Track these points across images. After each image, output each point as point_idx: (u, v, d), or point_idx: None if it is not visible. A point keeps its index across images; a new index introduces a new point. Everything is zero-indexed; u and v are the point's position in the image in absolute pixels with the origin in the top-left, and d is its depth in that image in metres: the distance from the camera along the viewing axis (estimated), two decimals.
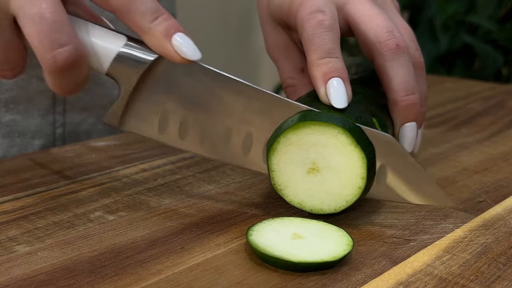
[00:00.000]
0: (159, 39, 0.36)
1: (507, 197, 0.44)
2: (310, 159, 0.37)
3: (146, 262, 0.33)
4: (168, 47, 0.36)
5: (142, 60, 0.38)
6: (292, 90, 0.47)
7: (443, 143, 0.57)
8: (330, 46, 0.40)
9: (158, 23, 0.36)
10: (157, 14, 0.36)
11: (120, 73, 0.38)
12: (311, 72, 0.40)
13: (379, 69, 0.42)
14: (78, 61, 0.35)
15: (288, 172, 0.38)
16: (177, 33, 0.36)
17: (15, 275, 0.31)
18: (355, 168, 0.37)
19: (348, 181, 0.37)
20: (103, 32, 0.38)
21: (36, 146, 0.57)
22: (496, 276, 0.33)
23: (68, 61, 0.34)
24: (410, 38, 0.45)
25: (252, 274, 0.32)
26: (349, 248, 0.34)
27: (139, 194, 0.42)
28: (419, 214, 0.41)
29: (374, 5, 0.43)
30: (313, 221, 0.37)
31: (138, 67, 0.38)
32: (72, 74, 0.35)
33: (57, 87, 0.36)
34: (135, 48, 0.38)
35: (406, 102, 0.41)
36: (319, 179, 0.38)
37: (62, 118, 0.57)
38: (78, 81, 0.36)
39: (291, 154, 0.38)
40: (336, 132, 0.36)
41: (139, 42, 0.38)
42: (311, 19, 0.41)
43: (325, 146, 0.37)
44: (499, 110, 0.71)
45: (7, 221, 0.37)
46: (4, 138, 0.55)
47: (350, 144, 0.36)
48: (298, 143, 0.37)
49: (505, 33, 1.58)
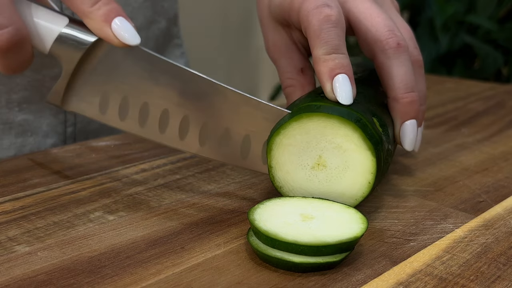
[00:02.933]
0: (98, 23, 0.37)
1: (507, 197, 0.44)
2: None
3: (146, 262, 0.33)
4: (108, 31, 0.37)
5: (82, 41, 0.39)
6: (291, 91, 0.46)
7: (443, 143, 0.57)
8: (336, 42, 0.40)
9: (97, 7, 0.37)
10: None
11: (62, 53, 0.39)
12: (317, 68, 0.40)
13: (380, 67, 0.42)
14: (20, 42, 0.36)
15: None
16: (117, 17, 0.37)
17: (15, 275, 0.31)
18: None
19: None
20: (46, 13, 0.39)
21: (48, 145, 0.58)
22: (496, 276, 0.33)
23: (9, 42, 0.36)
24: (409, 37, 0.45)
25: (252, 274, 0.32)
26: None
27: (139, 194, 0.42)
28: (419, 214, 0.41)
29: (374, 4, 0.43)
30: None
31: (79, 48, 0.39)
32: (15, 54, 0.37)
33: (2, 67, 0.37)
34: (76, 29, 0.39)
35: (406, 99, 0.41)
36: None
37: (73, 117, 0.58)
38: (22, 60, 0.38)
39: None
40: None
41: (81, 24, 0.39)
42: (317, 13, 0.40)
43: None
44: (499, 110, 0.71)
45: (7, 221, 0.37)
46: (17, 138, 0.55)
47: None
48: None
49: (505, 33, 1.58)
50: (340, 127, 0.36)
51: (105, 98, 0.40)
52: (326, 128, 0.37)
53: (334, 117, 0.36)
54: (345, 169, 0.37)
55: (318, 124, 0.37)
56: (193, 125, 0.40)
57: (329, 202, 0.37)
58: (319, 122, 0.37)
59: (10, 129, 0.55)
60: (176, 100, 0.40)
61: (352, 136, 0.36)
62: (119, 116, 0.41)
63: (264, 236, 0.33)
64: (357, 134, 0.36)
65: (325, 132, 0.37)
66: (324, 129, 0.37)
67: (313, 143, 0.37)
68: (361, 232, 0.33)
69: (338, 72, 0.39)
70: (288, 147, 0.37)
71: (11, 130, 0.55)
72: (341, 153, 0.37)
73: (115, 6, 0.37)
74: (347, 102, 0.38)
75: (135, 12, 0.60)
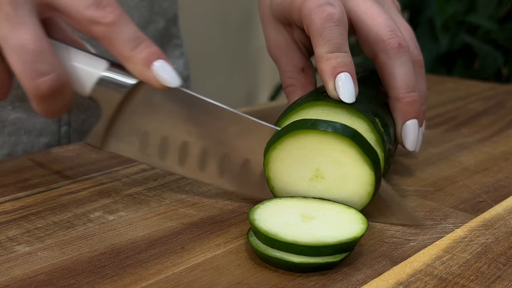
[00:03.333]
0: (139, 67, 0.37)
1: (507, 197, 0.44)
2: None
3: (146, 262, 0.33)
4: (149, 75, 0.37)
5: (123, 84, 0.39)
6: (292, 90, 0.47)
7: (443, 143, 0.57)
8: (339, 41, 0.40)
9: (139, 51, 0.37)
10: (138, 42, 0.37)
11: (102, 96, 0.39)
12: (320, 66, 0.40)
13: (381, 66, 0.42)
14: (60, 88, 0.36)
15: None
16: (157, 60, 0.37)
17: (15, 275, 0.31)
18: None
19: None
20: (85, 57, 0.39)
21: (42, 144, 0.57)
22: (496, 276, 0.33)
23: (50, 88, 0.36)
24: (410, 37, 0.45)
25: (252, 274, 0.32)
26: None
27: (139, 194, 0.42)
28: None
29: (376, 3, 0.43)
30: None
31: (120, 91, 0.39)
32: (56, 99, 0.37)
33: (42, 111, 0.38)
34: (116, 72, 0.39)
35: (407, 99, 0.41)
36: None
37: (67, 116, 0.58)
38: (62, 104, 0.37)
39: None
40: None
41: (120, 67, 0.39)
42: (320, 12, 0.40)
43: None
44: (499, 110, 0.71)
45: (7, 221, 0.37)
46: (10, 136, 0.55)
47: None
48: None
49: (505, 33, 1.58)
50: (336, 143, 0.36)
51: (145, 138, 0.40)
52: (322, 143, 0.36)
53: (330, 134, 0.36)
54: (344, 181, 0.37)
55: (314, 140, 0.36)
56: (233, 163, 0.40)
57: (329, 202, 0.37)
58: (314, 138, 0.36)
59: (3, 127, 0.55)
60: (215, 139, 0.40)
61: (349, 151, 0.36)
62: (159, 156, 0.41)
63: (264, 236, 0.33)
64: (354, 150, 0.36)
65: (322, 147, 0.36)
66: (320, 145, 0.36)
67: (310, 156, 0.37)
68: (361, 232, 0.33)
69: (340, 71, 0.39)
70: (285, 161, 0.37)
71: (4, 129, 0.55)
72: (339, 166, 0.37)
73: (156, 49, 0.37)
74: (349, 101, 0.38)
75: (131, 11, 0.60)
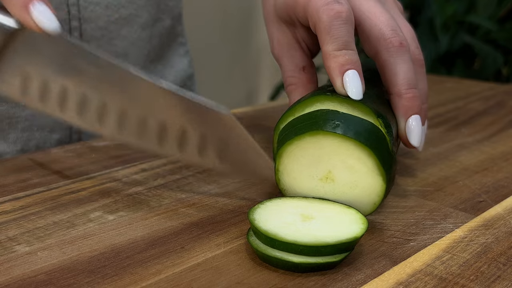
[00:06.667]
0: (18, 9, 0.37)
1: (507, 197, 0.44)
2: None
3: (146, 262, 0.33)
4: (26, 17, 0.37)
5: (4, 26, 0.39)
6: (293, 89, 0.47)
7: (443, 143, 0.57)
8: (347, 39, 0.40)
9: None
10: None
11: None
12: (327, 63, 0.40)
13: (382, 64, 0.42)
14: None
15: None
16: (36, 3, 0.37)
17: (15, 275, 0.31)
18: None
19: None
20: None
21: (54, 140, 0.58)
22: (496, 276, 0.33)
23: None
24: (411, 37, 0.46)
25: (252, 274, 0.32)
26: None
27: (139, 194, 0.42)
28: (419, 214, 0.41)
29: (378, 3, 0.44)
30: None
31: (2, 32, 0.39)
32: None
33: None
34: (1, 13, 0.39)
35: (409, 94, 0.42)
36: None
37: None
38: None
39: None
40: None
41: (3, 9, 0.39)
42: (328, 9, 0.41)
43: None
44: (499, 110, 0.71)
45: (7, 221, 0.37)
46: (23, 132, 0.56)
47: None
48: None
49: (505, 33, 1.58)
50: (355, 150, 0.36)
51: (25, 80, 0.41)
52: (340, 148, 0.36)
53: (351, 140, 0.36)
54: (353, 187, 0.37)
55: (332, 143, 0.36)
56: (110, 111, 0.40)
57: (329, 202, 0.37)
58: (334, 141, 0.36)
59: (16, 123, 0.56)
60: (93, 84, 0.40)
61: (366, 160, 0.36)
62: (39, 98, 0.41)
63: (264, 236, 0.33)
64: (371, 160, 0.36)
65: (339, 151, 0.36)
66: (338, 149, 0.36)
67: (325, 158, 0.37)
68: (361, 232, 0.33)
69: (348, 68, 0.39)
70: (299, 158, 0.37)
71: (17, 125, 0.56)
72: (352, 172, 0.37)
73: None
74: (357, 97, 0.39)
75: (139, 9, 0.60)
